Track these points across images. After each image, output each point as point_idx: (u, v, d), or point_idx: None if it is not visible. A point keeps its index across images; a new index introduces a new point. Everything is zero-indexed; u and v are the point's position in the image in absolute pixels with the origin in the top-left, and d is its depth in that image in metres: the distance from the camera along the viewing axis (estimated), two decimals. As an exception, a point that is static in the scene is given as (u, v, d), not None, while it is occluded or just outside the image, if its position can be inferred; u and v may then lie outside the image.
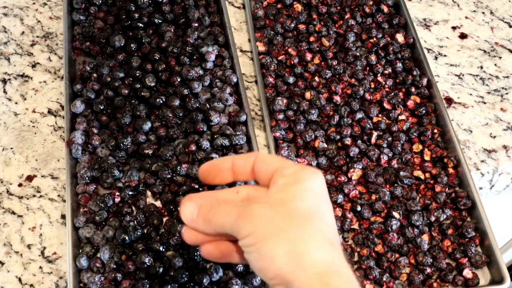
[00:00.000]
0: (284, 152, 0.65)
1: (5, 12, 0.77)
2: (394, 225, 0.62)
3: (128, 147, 0.63)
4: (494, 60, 0.80)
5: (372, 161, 0.66)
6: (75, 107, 0.64)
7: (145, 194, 0.62)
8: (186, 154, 0.63)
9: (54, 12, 0.78)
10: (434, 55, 0.79)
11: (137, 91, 0.66)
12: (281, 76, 0.71)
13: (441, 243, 0.62)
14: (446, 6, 0.85)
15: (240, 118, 0.66)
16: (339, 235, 0.61)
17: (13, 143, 0.66)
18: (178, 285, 0.55)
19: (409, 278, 0.60)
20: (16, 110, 0.69)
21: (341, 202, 0.64)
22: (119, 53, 0.69)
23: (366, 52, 0.74)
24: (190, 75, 0.67)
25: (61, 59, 0.73)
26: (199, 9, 0.75)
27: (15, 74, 0.72)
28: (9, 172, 0.64)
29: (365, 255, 0.61)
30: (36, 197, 0.63)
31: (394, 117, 0.69)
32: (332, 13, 0.77)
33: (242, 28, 0.79)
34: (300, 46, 0.73)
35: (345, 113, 0.68)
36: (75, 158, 0.63)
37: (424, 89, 0.72)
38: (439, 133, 0.69)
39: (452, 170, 0.66)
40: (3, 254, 0.59)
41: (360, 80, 0.71)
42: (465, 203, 0.64)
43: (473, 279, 0.60)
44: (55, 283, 0.58)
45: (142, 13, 0.72)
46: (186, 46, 0.70)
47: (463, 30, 0.83)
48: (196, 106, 0.66)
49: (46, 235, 0.60)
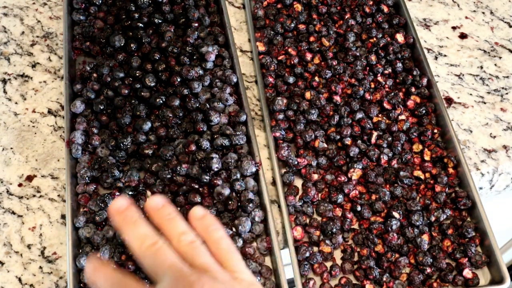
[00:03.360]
0: (284, 152, 0.65)
1: (5, 12, 0.77)
2: (394, 225, 0.62)
3: (128, 147, 0.63)
4: (494, 60, 0.80)
5: (372, 161, 0.66)
6: (75, 107, 0.65)
7: (145, 194, 0.62)
8: (186, 154, 0.63)
9: (54, 12, 0.78)
10: (434, 55, 0.79)
11: (137, 91, 0.66)
12: (281, 76, 0.71)
13: (441, 243, 0.62)
14: (446, 6, 0.85)
15: (240, 118, 0.66)
16: (339, 235, 0.61)
17: (13, 143, 0.66)
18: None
19: (409, 278, 0.60)
20: (16, 110, 0.69)
21: (341, 202, 0.64)
22: (119, 53, 0.69)
23: (366, 52, 0.74)
24: (190, 75, 0.67)
25: (61, 59, 0.73)
26: (199, 9, 0.75)
27: (15, 74, 0.72)
28: (9, 172, 0.64)
29: (365, 255, 0.61)
30: (36, 197, 0.63)
31: (394, 117, 0.69)
32: (332, 13, 0.77)
33: (242, 28, 0.79)
34: (300, 46, 0.73)
35: (345, 113, 0.68)
36: (75, 158, 0.63)
37: (424, 89, 0.72)
38: (439, 133, 0.69)
39: (452, 170, 0.66)
40: (3, 254, 0.59)
41: (360, 80, 0.71)
42: (465, 203, 0.64)
43: (473, 279, 0.60)
44: (55, 283, 0.58)
45: (142, 13, 0.72)
46: (186, 46, 0.70)
47: (463, 30, 0.83)
48: (196, 106, 0.66)
49: (46, 235, 0.60)
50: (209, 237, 0.44)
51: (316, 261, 0.60)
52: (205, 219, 0.44)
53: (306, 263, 0.59)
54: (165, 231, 0.43)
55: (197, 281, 0.39)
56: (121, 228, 0.42)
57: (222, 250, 0.43)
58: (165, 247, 0.41)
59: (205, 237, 0.44)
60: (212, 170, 0.61)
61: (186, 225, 0.43)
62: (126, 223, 0.42)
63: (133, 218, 0.42)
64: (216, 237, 0.43)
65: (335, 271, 0.60)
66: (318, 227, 0.62)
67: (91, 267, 0.42)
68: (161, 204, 0.44)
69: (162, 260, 0.40)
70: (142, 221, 0.42)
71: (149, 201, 0.44)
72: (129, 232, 0.42)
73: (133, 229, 0.42)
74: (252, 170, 0.62)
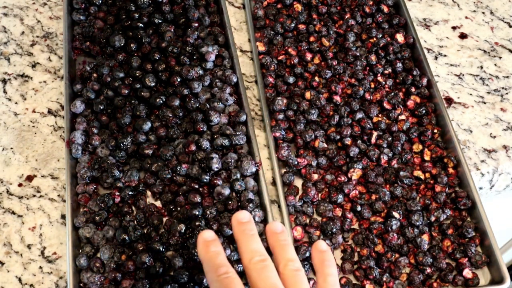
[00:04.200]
0: (284, 152, 0.65)
1: (5, 12, 0.77)
2: (394, 225, 0.62)
3: (128, 147, 0.63)
4: (494, 60, 0.80)
5: (372, 161, 0.66)
6: (75, 107, 0.65)
7: (145, 194, 0.62)
8: (186, 154, 0.63)
9: (54, 12, 0.78)
10: (434, 55, 0.79)
11: (137, 91, 0.66)
12: (281, 76, 0.71)
13: (441, 243, 0.62)
14: (446, 6, 0.85)
15: (240, 118, 0.66)
16: (339, 235, 0.61)
17: (13, 143, 0.66)
18: (178, 285, 0.55)
19: (409, 278, 0.60)
20: (16, 110, 0.69)
21: (341, 202, 0.64)
22: (119, 53, 0.69)
23: (366, 52, 0.74)
24: (190, 75, 0.67)
25: (61, 59, 0.73)
26: (199, 9, 0.75)
27: (15, 74, 0.72)
28: (9, 172, 0.64)
29: (365, 255, 0.61)
30: (36, 197, 0.63)
31: (394, 117, 0.69)
32: (332, 13, 0.77)
33: (242, 28, 0.79)
34: (300, 46, 0.73)
35: (345, 113, 0.68)
36: (75, 158, 0.63)
37: (424, 89, 0.72)
38: (439, 133, 0.69)
39: (452, 170, 0.66)
40: (3, 254, 0.59)
41: (360, 80, 0.71)
42: (465, 203, 0.64)
43: (473, 279, 0.60)
44: (55, 283, 0.58)
45: (142, 13, 0.72)
46: (186, 46, 0.70)
47: (463, 30, 0.83)
48: (196, 106, 0.66)
49: (46, 235, 0.60)
50: (323, 270, 0.47)
51: (316, 261, 0.60)
52: (326, 254, 0.49)
53: (306, 263, 0.59)
54: (276, 254, 0.47)
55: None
56: (238, 237, 0.47)
57: (328, 284, 0.46)
58: (272, 266, 0.45)
59: (319, 269, 0.48)
60: (212, 170, 0.61)
61: (296, 255, 0.48)
62: (244, 235, 0.47)
63: (251, 231, 0.47)
64: (328, 272, 0.47)
65: (335, 271, 0.60)
66: (318, 227, 0.62)
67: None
68: (281, 230, 0.48)
69: (266, 277, 0.44)
70: (258, 238, 0.47)
71: (271, 224, 0.49)
72: (244, 243, 0.46)
73: (249, 242, 0.46)
74: (252, 170, 0.62)
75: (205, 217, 0.59)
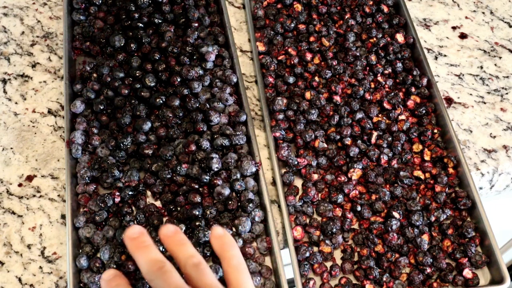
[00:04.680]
0: (284, 152, 0.65)
1: (5, 12, 0.77)
2: (394, 225, 0.62)
3: (128, 147, 0.63)
4: (494, 60, 0.80)
5: (372, 161, 0.66)
6: (75, 107, 0.65)
7: (145, 194, 0.62)
8: (186, 154, 0.63)
9: (54, 12, 0.78)
10: (434, 55, 0.79)
11: (137, 91, 0.66)
12: (281, 76, 0.71)
13: (441, 243, 0.62)
14: (446, 6, 0.85)
15: (240, 118, 0.66)
16: (339, 235, 0.61)
17: (13, 143, 0.66)
18: (178, 285, 0.55)
19: (409, 278, 0.60)
20: (16, 110, 0.69)
21: (341, 202, 0.64)
22: (119, 53, 0.69)
23: (366, 52, 0.74)
24: (190, 75, 0.67)
25: (61, 59, 0.73)
26: (199, 9, 0.75)
27: (15, 74, 0.72)
28: (9, 172, 0.64)
29: (365, 255, 0.61)
30: (36, 197, 0.63)
31: (394, 117, 0.69)
32: (332, 13, 0.77)
33: (242, 28, 0.79)
34: (300, 46, 0.73)
35: (345, 113, 0.68)
36: (75, 158, 0.63)
37: (424, 89, 0.72)
38: (439, 133, 0.69)
39: (452, 170, 0.66)
40: (3, 254, 0.59)
41: (360, 80, 0.71)
42: (465, 203, 0.64)
43: (473, 279, 0.60)
44: (55, 283, 0.58)
45: (142, 13, 0.72)
46: (186, 46, 0.70)
47: (463, 30, 0.83)
48: (196, 106, 0.66)
49: (46, 235, 0.60)
50: (223, 255, 0.47)
51: (316, 261, 0.60)
52: (223, 238, 0.48)
53: (306, 263, 0.59)
54: (175, 256, 0.46)
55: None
56: (134, 253, 0.46)
57: (232, 268, 0.46)
58: (171, 270, 0.44)
59: (220, 255, 0.47)
60: (212, 170, 0.61)
61: (194, 250, 0.47)
62: (138, 248, 0.46)
63: (145, 243, 0.46)
64: (228, 255, 0.47)
65: (335, 271, 0.60)
66: (318, 227, 0.62)
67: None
68: (173, 231, 0.48)
69: (169, 282, 0.43)
70: (153, 247, 0.46)
71: (162, 228, 0.48)
72: (140, 257, 0.45)
73: (143, 253, 0.45)
74: (252, 170, 0.62)
75: (205, 217, 0.59)
